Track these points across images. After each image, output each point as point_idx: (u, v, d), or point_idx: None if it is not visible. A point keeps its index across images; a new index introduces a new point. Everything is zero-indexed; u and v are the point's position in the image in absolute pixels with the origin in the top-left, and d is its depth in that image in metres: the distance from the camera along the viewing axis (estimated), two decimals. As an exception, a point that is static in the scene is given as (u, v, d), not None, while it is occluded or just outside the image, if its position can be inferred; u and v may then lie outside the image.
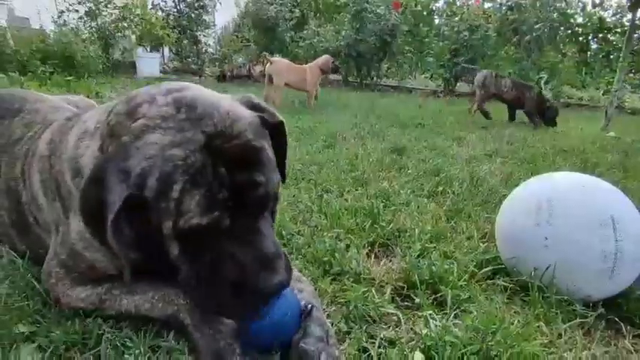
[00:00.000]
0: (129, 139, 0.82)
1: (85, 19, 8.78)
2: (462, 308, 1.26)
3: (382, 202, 2.13)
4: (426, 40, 12.78)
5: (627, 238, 1.20)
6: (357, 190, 2.37)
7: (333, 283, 1.38)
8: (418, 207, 2.11)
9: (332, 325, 1.16)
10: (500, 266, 1.49)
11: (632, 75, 12.86)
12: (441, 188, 2.43)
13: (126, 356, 0.92)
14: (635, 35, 10.56)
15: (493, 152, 3.63)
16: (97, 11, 8.80)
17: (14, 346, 0.95)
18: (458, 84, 12.06)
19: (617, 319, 1.22)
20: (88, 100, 2.13)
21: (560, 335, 1.10)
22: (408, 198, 2.24)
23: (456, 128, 4.92)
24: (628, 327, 1.19)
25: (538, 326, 1.12)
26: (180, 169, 0.78)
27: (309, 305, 1.02)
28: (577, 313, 1.21)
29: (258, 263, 0.84)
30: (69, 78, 6.54)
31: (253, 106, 0.97)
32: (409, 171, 2.80)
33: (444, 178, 2.61)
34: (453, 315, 1.21)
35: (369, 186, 2.43)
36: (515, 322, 1.13)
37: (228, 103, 0.90)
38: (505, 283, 1.36)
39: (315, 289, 1.25)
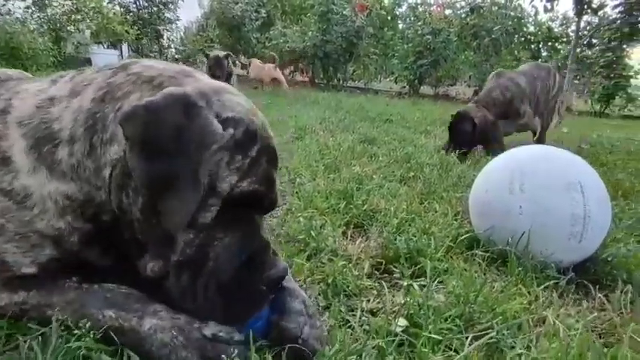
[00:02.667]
0: (207, 88, 0.85)
1: (33, 9, 8.20)
2: (441, 279, 1.25)
3: (355, 185, 2.11)
4: (391, 42, 13.11)
5: (594, 203, 1.25)
6: (329, 175, 2.33)
7: (309, 261, 1.33)
8: (391, 190, 2.11)
9: (310, 298, 1.11)
10: (475, 240, 1.51)
11: (576, 81, 13.92)
12: (412, 174, 2.45)
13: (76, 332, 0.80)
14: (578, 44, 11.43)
15: (459, 143, 3.73)
16: (46, 1, 8.24)
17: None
18: (422, 86, 12.47)
19: (585, 281, 1.25)
20: (24, 72, 1.93)
21: (537, 297, 1.11)
22: (380, 182, 2.23)
23: (422, 123, 5.04)
24: (597, 287, 1.22)
25: (517, 288, 1.12)
26: (259, 134, 0.84)
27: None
28: (550, 277, 1.24)
29: (266, 249, 0.87)
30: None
31: None
32: (380, 159, 2.80)
33: (415, 165, 2.64)
34: (433, 284, 1.19)
35: (341, 171, 2.40)
36: (496, 286, 1.13)
37: None
38: (482, 253, 1.36)
39: (289, 265, 1.19)
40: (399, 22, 15.20)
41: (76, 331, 0.80)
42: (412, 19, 13.56)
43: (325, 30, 10.98)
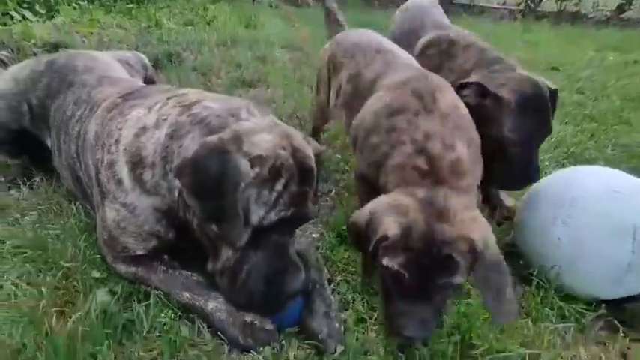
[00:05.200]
0: (241, 130, 1.04)
1: None
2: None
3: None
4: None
5: None
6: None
7: (347, 252, 1.53)
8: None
9: (339, 294, 1.34)
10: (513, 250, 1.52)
11: None
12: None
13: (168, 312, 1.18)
14: None
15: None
16: None
17: (92, 290, 1.26)
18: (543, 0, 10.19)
19: (616, 321, 1.24)
20: (138, 54, 2.26)
21: (539, 334, 1.16)
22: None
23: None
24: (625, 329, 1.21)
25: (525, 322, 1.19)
26: (285, 166, 1.02)
27: (310, 285, 1.19)
28: (575, 311, 1.25)
29: (289, 266, 1.09)
30: (130, 5, 6.71)
31: None
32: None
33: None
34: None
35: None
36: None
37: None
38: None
39: (324, 262, 1.42)
40: None
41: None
42: None
43: None
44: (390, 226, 0.99)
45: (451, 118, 1.20)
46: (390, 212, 1.02)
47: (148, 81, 2.04)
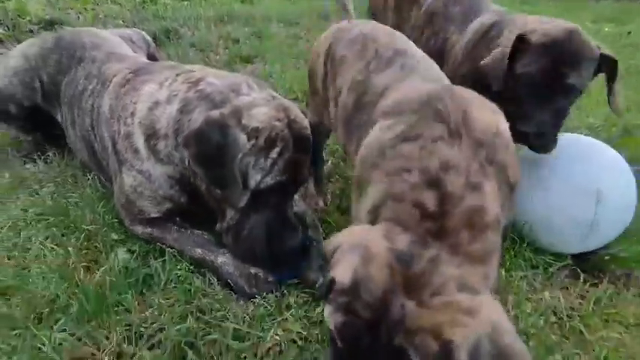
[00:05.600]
0: (241, 104, 1.17)
1: None
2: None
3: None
4: None
5: (610, 211, 1.31)
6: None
7: (342, 217, 1.67)
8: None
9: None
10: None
11: None
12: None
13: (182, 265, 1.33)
14: None
15: None
16: None
17: (112, 249, 1.40)
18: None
19: (579, 269, 1.40)
20: (140, 31, 2.33)
21: (510, 282, 1.31)
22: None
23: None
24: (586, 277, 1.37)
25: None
26: (280, 136, 1.16)
27: (308, 241, 1.34)
28: (544, 261, 1.41)
29: (286, 227, 1.24)
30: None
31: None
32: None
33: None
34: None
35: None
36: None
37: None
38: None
39: (320, 223, 1.56)
40: None
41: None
42: None
43: None
44: (344, 272, 0.69)
45: (487, 146, 0.84)
46: (355, 252, 0.71)
47: (150, 57, 2.12)
